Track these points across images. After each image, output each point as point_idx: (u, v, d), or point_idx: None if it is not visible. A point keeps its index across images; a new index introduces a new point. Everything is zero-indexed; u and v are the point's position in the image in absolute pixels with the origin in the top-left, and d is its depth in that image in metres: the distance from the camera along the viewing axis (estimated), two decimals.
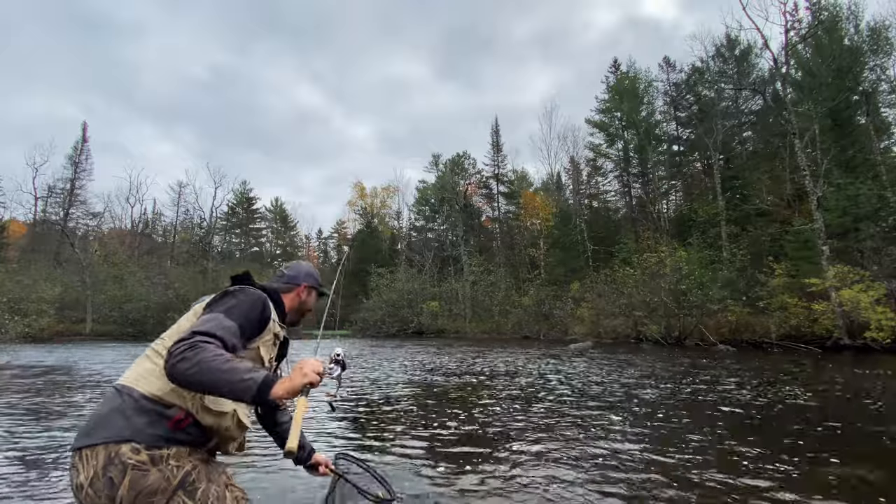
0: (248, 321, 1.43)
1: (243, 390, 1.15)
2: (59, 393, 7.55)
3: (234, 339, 1.34)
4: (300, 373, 1.23)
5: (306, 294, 1.79)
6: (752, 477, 3.34)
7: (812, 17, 25.87)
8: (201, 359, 1.17)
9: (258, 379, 1.17)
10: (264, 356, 1.52)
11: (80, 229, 45.26)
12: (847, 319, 15.87)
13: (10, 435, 4.69)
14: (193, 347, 1.21)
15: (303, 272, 1.80)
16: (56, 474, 3.48)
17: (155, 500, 1.20)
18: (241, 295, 1.47)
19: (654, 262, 23.02)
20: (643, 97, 36.97)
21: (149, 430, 1.25)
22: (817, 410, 5.69)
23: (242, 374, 1.17)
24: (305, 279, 1.79)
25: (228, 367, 1.17)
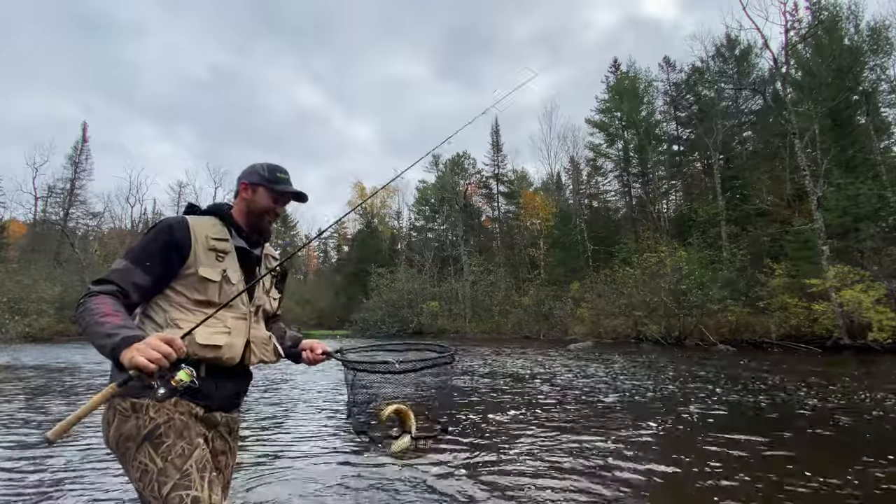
0: (147, 253, 1.35)
1: (104, 353, 1.12)
2: (59, 393, 7.55)
3: (128, 279, 1.30)
4: (137, 346, 1.08)
5: (250, 192, 1.55)
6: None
7: (812, 16, 25.88)
8: (80, 318, 1.19)
9: (111, 343, 1.09)
10: (213, 276, 1.41)
11: (80, 229, 45.30)
12: (847, 319, 15.86)
13: (10, 435, 4.68)
14: (79, 304, 1.22)
15: (245, 171, 1.59)
16: (57, 473, 3.48)
17: (129, 445, 1.25)
18: (150, 229, 1.42)
19: (654, 262, 23.02)
20: (643, 97, 36.97)
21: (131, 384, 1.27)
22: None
23: (102, 336, 1.12)
24: (245, 176, 1.57)
25: (95, 329, 1.14)
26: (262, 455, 3.96)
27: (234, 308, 1.45)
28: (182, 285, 1.40)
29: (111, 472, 3.48)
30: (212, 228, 1.47)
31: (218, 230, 1.49)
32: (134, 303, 1.34)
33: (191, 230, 1.42)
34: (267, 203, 1.55)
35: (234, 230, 1.53)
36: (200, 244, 1.42)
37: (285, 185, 1.57)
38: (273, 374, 10.27)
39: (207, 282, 1.40)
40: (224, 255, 1.47)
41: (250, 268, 1.55)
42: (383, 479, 3.33)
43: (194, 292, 1.40)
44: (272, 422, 5.37)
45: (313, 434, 4.79)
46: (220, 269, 1.43)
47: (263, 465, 3.68)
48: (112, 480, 3.33)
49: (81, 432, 4.73)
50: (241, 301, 1.48)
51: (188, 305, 1.39)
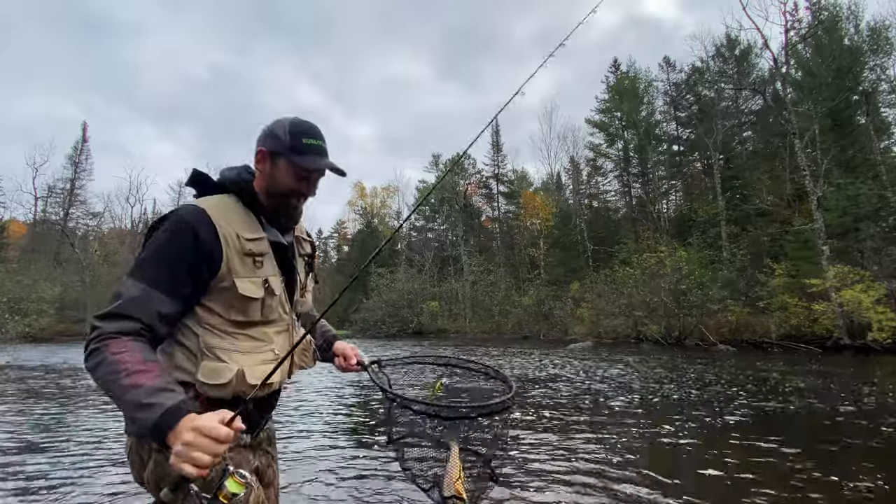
0: (168, 269, 1.01)
1: (140, 429, 0.92)
2: (59, 393, 7.54)
3: (151, 309, 0.98)
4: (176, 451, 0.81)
5: (268, 165, 1.16)
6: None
7: (812, 16, 25.87)
8: (99, 376, 0.90)
9: (149, 419, 0.83)
10: (255, 293, 1.10)
11: (80, 229, 45.29)
12: (847, 319, 15.86)
13: (10, 434, 4.68)
14: (91, 353, 0.93)
15: (263, 132, 1.18)
16: (55, 474, 3.47)
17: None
18: (160, 231, 1.05)
19: (654, 263, 23.02)
20: (643, 97, 36.96)
21: None
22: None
23: (132, 412, 0.86)
24: (262, 140, 1.17)
25: (122, 394, 0.87)
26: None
27: (277, 322, 1.20)
28: (215, 302, 1.10)
29: (112, 473, 3.48)
30: (240, 221, 1.12)
31: (247, 222, 1.14)
32: (161, 338, 1.04)
33: (218, 230, 1.07)
34: (290, 182, 1.16)
35: (263, 217, 1.18)
36: (233, 248, 1.08)
37: (315, 159, 1.15)
38: None
39: (248, 300, 1.10)
40: (262, 257, 1.13)
41: (289, 266, 1.24)
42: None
43: (231, 311, 1.10)
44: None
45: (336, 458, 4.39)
46: (260, 280, 1.12)
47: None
48: (113, 479, 3.32)
49: (77, 435, 4.73)
50: (284, 311, 1.21)
51: (226, 328, 1.10)
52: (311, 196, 1.22)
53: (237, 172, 1.19)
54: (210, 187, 1.18)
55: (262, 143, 1.17)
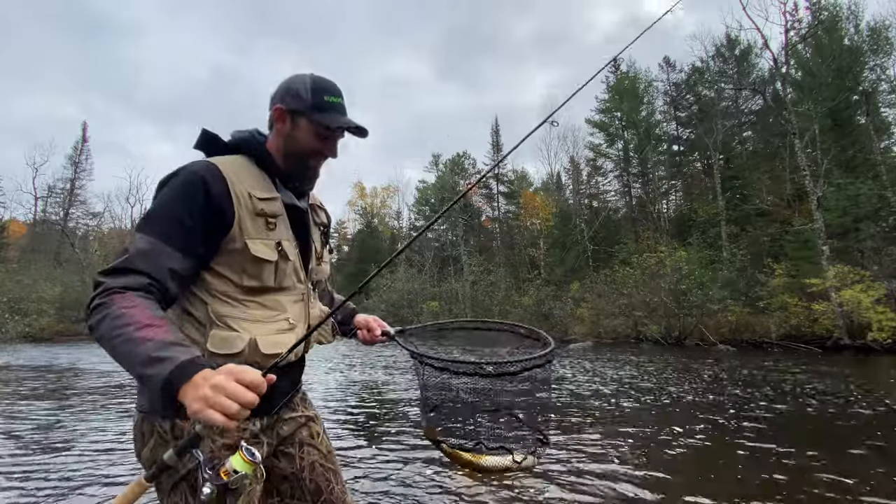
0: (179, 222, 0.95)
1: (148, 386, 0.81)
2: (59, 393, 7.54)
3: (162, 265, 0.91)
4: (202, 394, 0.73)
5: (288, 125, 1.11)
6: None
7: (812, 16, 25.87)
8: (103, 333, 0.82)
9: (159, 374, 0.75)
10: (268, 255, 1.04)
11: (80, 229, 45.28)
12: (847, 319, 15.86)
13: (10, 435, 4.68)
14: (94, 309, 0.85)
15: (280, 88, 1.12)
16: (54, 474, 3.47)
17: (163, 478, 0.95)
18: (169, 185, 0.99)
19: (654, 263, 23.02)
20: (643, 97, 36.97)
21: None
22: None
23: (140, 368, 0.77)
24: (280, 98, 1.11)
25: (127, 349, 0.79)
26: None
27: (291, 290, 1.13)
28: (225, 266, 1.03)
29: (111, 472, 3.48)
30: (253, 180, 1.06)
31: (260, 182, 1.07)
32: (171, 298, 0.96)
33: (230, 186, 1.01)
34: (312, 142, 1.11)
35: (277, 179, 1.13)
36: (245, 206, 1.02)
37: (337, 117, 1.11)
38: None
39: (261, 262, 1.04)
40: (275, 219, 1.07)
41: (304, 231, 1.18)
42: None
43: (244, 276, 1.03)
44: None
45: (372, 435, 4.53)
46: (273, 242, 1.06)
47: None
48: (113, 479, 3.32)
49: (76, 435, 4.73)
50: (298, 278, 1.15)
51: (237, 295, 1.03)
52: (333, 157, 1.16)
53: (249, 133, 1.14)
54: (221, 148, 1.11)
55: (279, 101, 1.10)
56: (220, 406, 0.71)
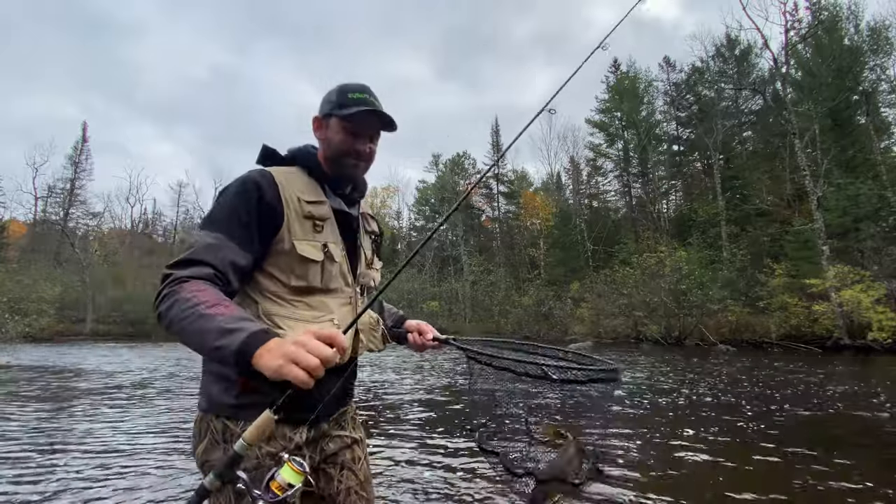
0: (239, 220, 1.01)
1: (224, 363, 0.80)
2: (59, 393, 7.54)
3: (225, 258, 0.96)
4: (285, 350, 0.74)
5: (324, 129, 1.18)
6: None
7: (812, 16, 25.88)
8: (173, 317, 0.84)
9: (234, 345, 0.76)
10: (314, 255, 1.09)
11: (80, 229, 45.27)
12: (847, 319, 15.86)
13: (8, 434, 4.68)
14: (163, 298, 0.88)
15: (322, 101, 1.21)
16: (54, 475, 3.47)
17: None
18: (227, 190, 1.07)
19: (654, 263, 23.04)
20: (643, 97, 37.00)
21: (221, 398, 1.03)
22: None
23: (213, 340, 0.78)
24: (319, 109, 1.20)
25: (196, 329, 0.81)
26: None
27: (339, 292, 1.16)
28: (275, 266, 1.08)
29: (111, 472, 3.48)
30: (302, 186, 1.13)
31: (310, 188, 1.14)
32: (233, 292, 0.99)
33: (281, 190, 1.08)
34: (343, 139, 1.15)
35: (327, 186, 1.19)
36: (293, 209, 1.09)
37: (357, 105, 1.14)
38: None
39: (308, 262, 1.09)
40: (322, 222, 1.13)
41: (351, 236, 1.22)
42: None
43: (291, 276, 1.08)
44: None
45: (417, 441, 4.42)
46: (320, 244, 1.11)
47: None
48: (112, 478, 3.32)
49: (75, 436, 4.72)
50: (346, 282, 1.19)
51: (285, 295, 1.07)
52: (367, 157, 1.20)
53: (302, 146, 1.23)
54: (278, 161, 1.20)
55: (319, 111, 1.20)
56: (304, 360, 0.72)
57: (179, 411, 5.91)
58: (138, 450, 4.10)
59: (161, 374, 10.37)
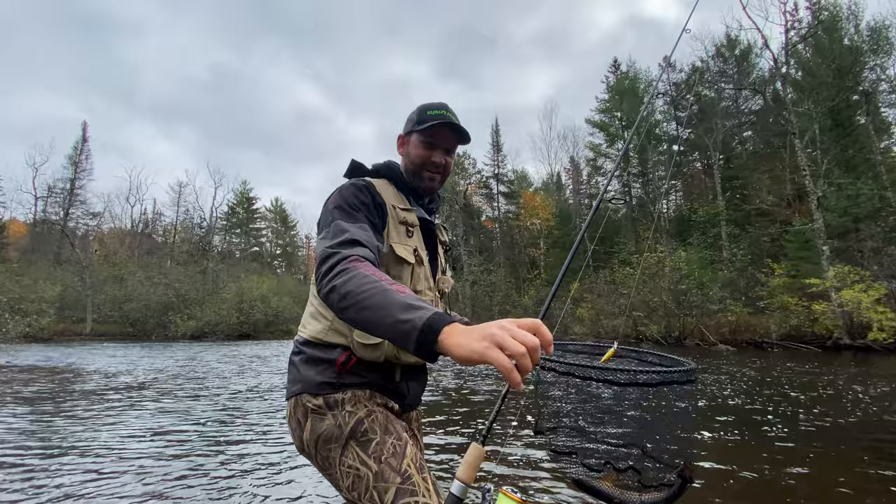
0: (367, 212, 1.12)
1: (401, 336, 0.76)
2: (59, 394, 7.55)
3: (374, 243, 1.04)
4: (490, 332, 0.68)
5: (406, 146, 1.30)
6: None
7: (812, 16, 25.88)
8: (352, 289, 0.84)
9: (419, 320, 0.74)
10: (407, 257, 1.19)
11: (80, 229, 45.27)
12: (847, 319, 15.87)
13: (9, 436, 4.68)
14: (338, 272, 0.89)
15: (405, 121, 1.33)
16: (54, 476, 3.47)
17: (331, 447, 1.06)
18: (343, 190, 1.16)
19: (654, 263, 23.05)
20: (643, 97, 37.00)
21: (319, 378, 1.12)
22: None
23: (398, 313, 0.77)
24: (404, 127, 1.32)
25: (380, 301, 0.80)
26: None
27: (423, 295, 1.24)
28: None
29: (111, 473, 3.48)
30: (394, 195, 1.24)
31: (400, 198, 1.26)
32: None
33: (382, 195, 1.20)
34: (421, 152, 1.25)
35: (410, 197, 1.30)
36: (391, 214, 1.20)
37: (434, 122, 1.23)
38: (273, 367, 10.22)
39: (403, 264, 1.18)
40: (413, 228, 1.24)
41: (432, 243, 1.33)
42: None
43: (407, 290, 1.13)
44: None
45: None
46: (411, 248, 1.21)
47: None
48: (112, 479, 3.32)
49: (74, 436, 4.72)
50: (429, 285, 1.27)
51: None
52: (443, 169, 1.29)
53: (385, 161, 1.34)
54: (364, 174, 1.30)
55: (403, 129, 1.32)
56: (510, 346, 0.65)
57: (180, 412, 5.91)
58: (139, 451, 4.10)
59: (162, 374, 10.37)
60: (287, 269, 59.14)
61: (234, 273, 41.17)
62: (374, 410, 1.10)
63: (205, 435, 4.63)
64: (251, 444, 4.28)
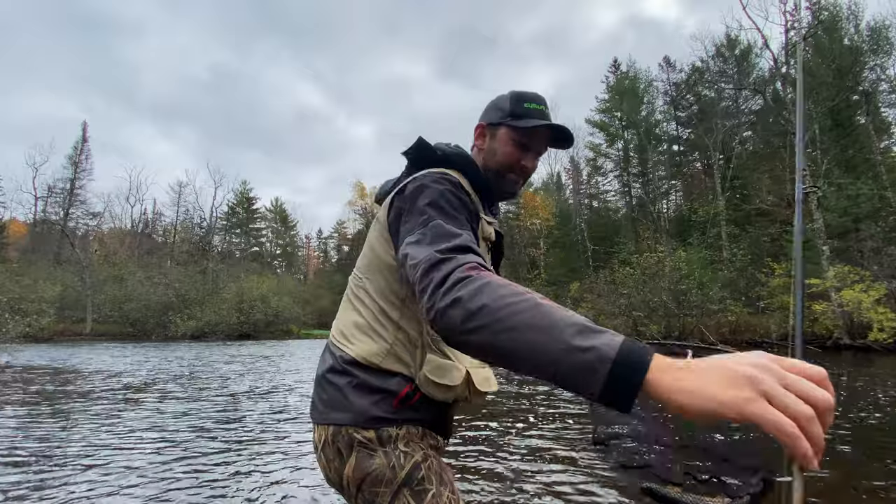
0: (467, 219, 0.89)
1: (578, 371, 0.51)
2: (59, 394, 7.54)
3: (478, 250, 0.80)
4: (747, 373, 0.45)
5: (487, 138, 1.08)
6: None
7: (812, 16, 25.87)
8: (487, 302, 0.60)
9: (609, 348, 0.51)
10: None
11: (80, 229, 45.29)
12: (847, 320, 15.87)
13: (9, 437, 4.68)
14: (461, 281, 0.65)
15: (487, 107, 1.10)
16: (53, 479, 3.47)
17: (379, 490, 0.90)
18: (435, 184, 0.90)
19: (654, 263, 23.05)
20: (643, 97, 37.04)
21: (373, 411, 0.92)
22: None
23: (570, 336, 0.53)
24: (483, 116, 1.10)
25: (536, 319, 0.56)
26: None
27: None
28: None
29: (111, 473, 3.48)
30: (477, 200, 1.01)
31: (479, 203, 1.03)
32: None
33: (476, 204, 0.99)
34: (510, 152, 1.04)
35: (484, 201, 1.07)
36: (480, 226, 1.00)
37: (535, 121, 1.02)
38: (280, 368, 10.21)
39: None
40: (490, 244, 1.06)
41: (498, 256, 1.12)
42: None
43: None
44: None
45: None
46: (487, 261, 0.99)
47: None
48: (112, 479, 3.32)
49: (75, 436, 4.72)
50: None
51: None
52: (530, 172, 1.09)
53: (456, 147, 1.07)
54: (432, 160, 1.02)
55: (482, 119, 1.09)
56: (793, 406, 0.43)
57: (181, 413, 5.91)
58: (139, 451, 4.10)
59: (163, 374, 10.37)
60: (287, 269, 59.17)
61: (234, 273, 41.17)
62: (429, 455, 0.94)
63: (205, 435, 4.63)
64: (251, 445, 4.28)
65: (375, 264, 0.98)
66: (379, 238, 0.98)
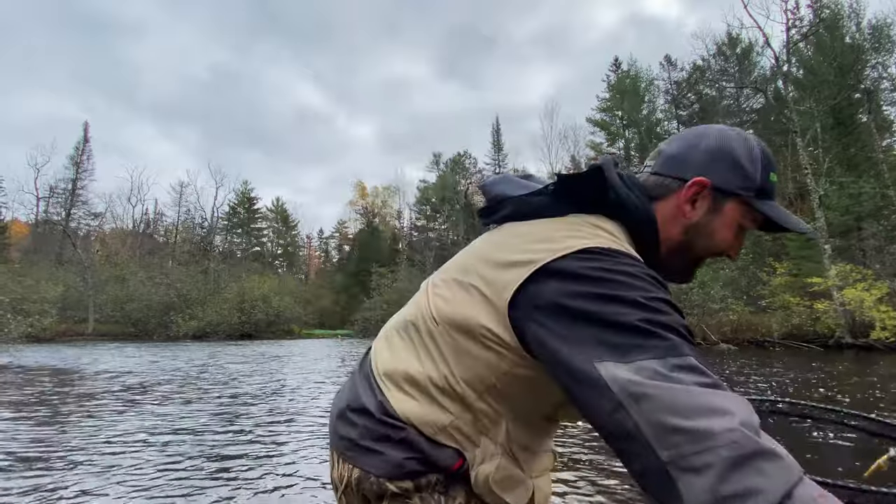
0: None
1: None
2: (60, 394, 7.56)
3: None
4: None
5: (707, 207, 0.71)
6: None
7: (813, 14, 25.81)
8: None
9: None
10: None
11: (81, 229, 45.39)
12: (849, 318, 15.84)
13: (8, 436, 4.69)
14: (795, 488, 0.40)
15: (700, 155, 0.70)
16: (55, 477, 3.48)
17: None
18: (625, 266, 0.57)
19: None
20: (644, 96, 36.99)
21: (411, 466, 0.69)
22: None
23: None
24: (705, 168, 0.69)
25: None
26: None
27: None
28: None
29: (111, 473, 3.49)
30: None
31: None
32: None
33: None
34: (728, 238, 0.73)
35: None
36: None
37: (783, 212, 0.75)
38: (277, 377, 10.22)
39: None
40: None
41: None
42: None
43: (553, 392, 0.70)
44: None
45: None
46: None
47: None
48: (112, 480, 3.33)
49: (75, 437, 4.72)
50: None
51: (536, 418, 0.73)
52: (731, 258, 0.78)
53: (636, 192, 0.70)
54: (591, 201, 0.68)
55: (705, 170, 0.69)
56: None
57: (181, 413, 5.92)
58: (139, 451, 4.10)
59: (166, 374, 10.39)
60: (288, 268, 59.21)
61: (235, 273, 41.26)
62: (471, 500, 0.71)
63: (207, 436, 4.63)
64: (252, 445, 4.29)
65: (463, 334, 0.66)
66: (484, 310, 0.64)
